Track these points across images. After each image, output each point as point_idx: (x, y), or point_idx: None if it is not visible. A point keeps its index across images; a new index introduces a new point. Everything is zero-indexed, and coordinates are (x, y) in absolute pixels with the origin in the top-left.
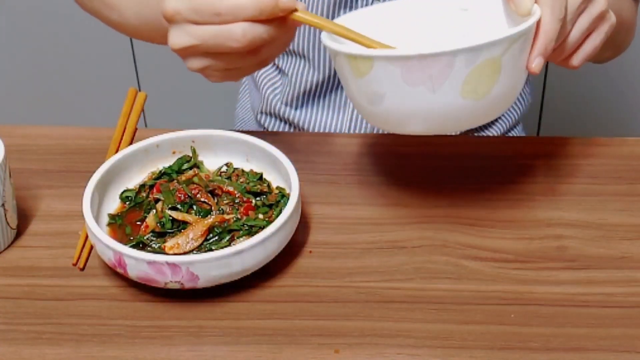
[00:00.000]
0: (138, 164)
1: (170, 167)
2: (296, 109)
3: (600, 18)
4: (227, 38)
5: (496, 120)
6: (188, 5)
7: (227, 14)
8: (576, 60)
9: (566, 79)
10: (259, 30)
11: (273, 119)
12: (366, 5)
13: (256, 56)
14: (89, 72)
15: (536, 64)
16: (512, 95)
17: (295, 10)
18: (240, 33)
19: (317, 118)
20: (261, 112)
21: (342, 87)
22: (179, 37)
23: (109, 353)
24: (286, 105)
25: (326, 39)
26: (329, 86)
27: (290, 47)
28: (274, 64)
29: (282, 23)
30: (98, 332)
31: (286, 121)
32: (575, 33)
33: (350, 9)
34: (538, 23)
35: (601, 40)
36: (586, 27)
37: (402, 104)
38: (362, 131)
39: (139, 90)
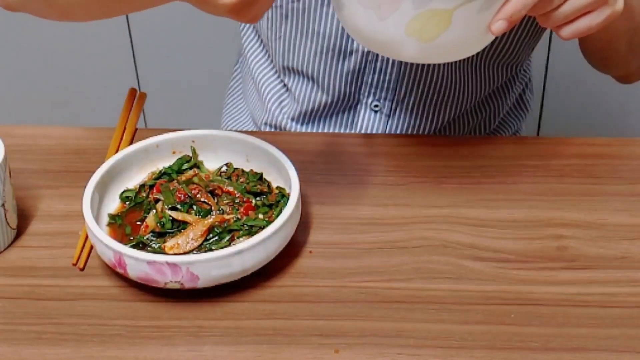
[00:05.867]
0: (138, 164)
1: (170, 167)
2: (302, 124)
3: (604, 2)
4: None
5: (497, 131)
6: None
7: None
8: (565, 32)
9: (566, 79)
10: None
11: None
12: None
13: None
14: (89, 72)
15: (496, 27)
16: (465, 48)
17: None
18: None
19: None
20: (265, 124)
21: (349, 108)
22: None
23: (109, 353)
24: (292, 120)
25: None
26: (337, 107)
27: (299, 68)
28: (281, 80)
29: None
30: (98, 332)
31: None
32: (566, 8)
33: None
34: None
35: (597, 24)
36: (583, 5)
37: (353, 19)
38: None
39: (139, 90)
